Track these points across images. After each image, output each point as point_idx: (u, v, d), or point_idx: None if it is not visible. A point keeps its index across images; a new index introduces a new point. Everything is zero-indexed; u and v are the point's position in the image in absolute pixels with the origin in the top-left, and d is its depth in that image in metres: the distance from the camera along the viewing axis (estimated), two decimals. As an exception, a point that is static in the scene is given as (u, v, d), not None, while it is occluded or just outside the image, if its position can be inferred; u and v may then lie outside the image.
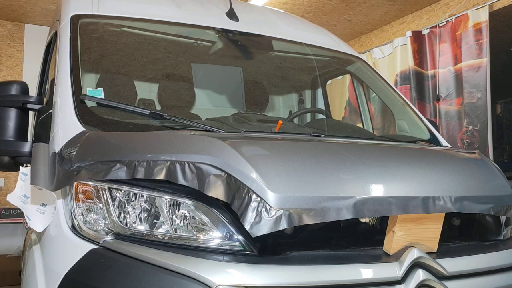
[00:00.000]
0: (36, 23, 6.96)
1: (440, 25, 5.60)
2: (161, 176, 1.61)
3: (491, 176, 2.03)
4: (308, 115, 3.69)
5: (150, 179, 1.63)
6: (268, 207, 1.49)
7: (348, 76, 4.53)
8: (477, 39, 5.11)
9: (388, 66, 6.22)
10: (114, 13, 2.56)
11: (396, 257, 1.65)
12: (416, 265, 1.64)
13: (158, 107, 2.84)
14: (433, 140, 2.76)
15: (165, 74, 2.99)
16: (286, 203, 1.51)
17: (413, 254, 1.63)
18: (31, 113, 2.30)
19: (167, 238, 1.60)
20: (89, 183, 1.69)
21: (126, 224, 1.63)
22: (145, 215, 1.63)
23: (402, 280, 1.60)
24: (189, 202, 1.61)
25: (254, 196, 1.50)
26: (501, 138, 7.76)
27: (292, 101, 3.97)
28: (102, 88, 2.25)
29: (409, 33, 5.88)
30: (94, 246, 1.63)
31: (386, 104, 3.34)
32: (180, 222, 1.60)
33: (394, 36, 6.60)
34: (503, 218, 2.10)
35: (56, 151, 1.86)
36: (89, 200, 1.69)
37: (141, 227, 1.62)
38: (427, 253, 1.67)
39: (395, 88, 3.20)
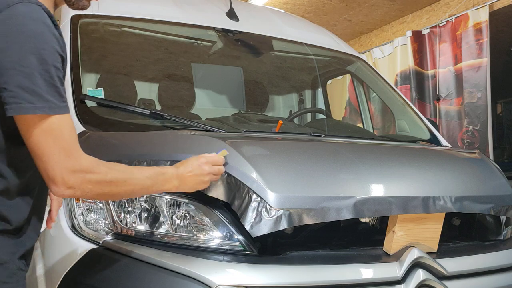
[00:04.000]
0: (36, 23, 6.94)
1: (440, 25, 5.59)
2: (161, 176, 1.61)
3: (491, 176, 2.03)
4: (308, 115, 3.68)
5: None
6: (268, 207, 1.49)
7: (348, 76, 4.52)
8: (477, 39, 5.10)
9: (388, 66, 6.21)
10: (114, 13, 2.56)
11: (396, 257, 1.65)
12: (416, 265, 1.63)
13: (158, 107, 2.83)
14: (433, 140, 2.76)
15: (165, 74, 2.98)
16: (286, 203, 1.51)
17: (413, 254, 1.63)
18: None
19: (167, 238, 1.60)
20: (89, 183, 1.68)
21: (126, 224, 1.63)
22: (145, 215, 1.63)
23: (402, 280, 1.60)
24: (189, 202, 1.61)
25: (254, 196, 1.50)
26: (501, 138, 7.75)
27: (292, 101, 3.96)
28: (102, 88, 2.25)
29: (409, 33, 5.87)
30: (94, 246, 1.62)
31: (386, 104, 3.34)
32: (180, 222, 1.60)
33: (394, 36, 6.59)
34: (503, 218, 2.09)
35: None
36: (89, 200, 1.69)
37: (141, 227, 1.62)
38: (427, 253, 1.67)
39: (395, 88, 3.20)
